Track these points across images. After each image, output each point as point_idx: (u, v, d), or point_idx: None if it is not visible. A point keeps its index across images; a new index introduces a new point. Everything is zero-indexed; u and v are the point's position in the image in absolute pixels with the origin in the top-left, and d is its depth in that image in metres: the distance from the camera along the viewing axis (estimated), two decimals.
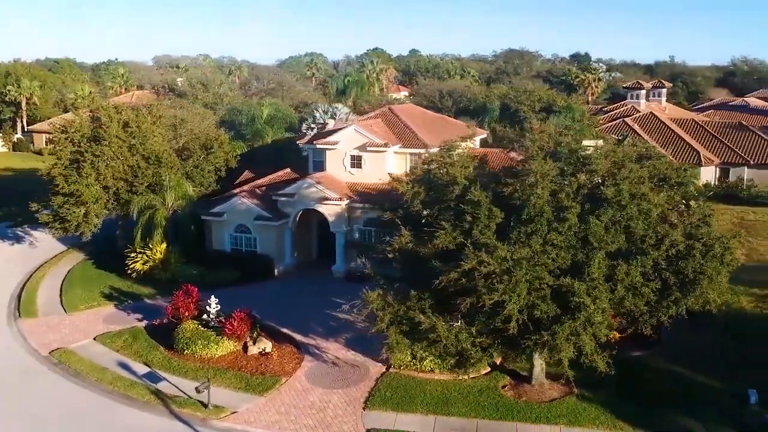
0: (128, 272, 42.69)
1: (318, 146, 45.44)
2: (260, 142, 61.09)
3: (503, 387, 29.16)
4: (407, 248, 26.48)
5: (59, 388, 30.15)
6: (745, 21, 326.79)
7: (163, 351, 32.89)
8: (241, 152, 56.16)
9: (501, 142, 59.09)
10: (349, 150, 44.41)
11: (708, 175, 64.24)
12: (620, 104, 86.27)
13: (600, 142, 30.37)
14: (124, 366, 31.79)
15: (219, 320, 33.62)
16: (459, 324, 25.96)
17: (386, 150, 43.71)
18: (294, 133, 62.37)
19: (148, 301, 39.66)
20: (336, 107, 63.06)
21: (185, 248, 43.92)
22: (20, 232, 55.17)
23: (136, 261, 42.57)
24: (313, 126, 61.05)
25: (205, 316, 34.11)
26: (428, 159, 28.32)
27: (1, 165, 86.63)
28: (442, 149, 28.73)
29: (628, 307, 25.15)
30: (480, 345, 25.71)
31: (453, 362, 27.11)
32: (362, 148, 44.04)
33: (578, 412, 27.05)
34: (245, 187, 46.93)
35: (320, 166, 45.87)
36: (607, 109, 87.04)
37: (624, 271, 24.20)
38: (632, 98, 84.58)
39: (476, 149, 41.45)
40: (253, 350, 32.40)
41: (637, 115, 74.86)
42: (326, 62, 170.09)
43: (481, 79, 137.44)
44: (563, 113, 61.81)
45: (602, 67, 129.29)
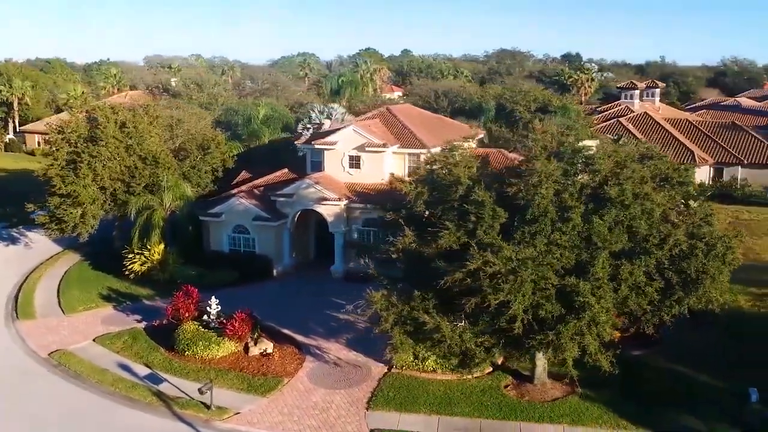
0: (126, 273, 42.50)
1: (316, 146, 45.35)
2: (257, 143, 60.93)
3: (505, 387, 29.18)
4: (411, 248, 26.47)
5: (60, 390, 29.95)
6: (734, 21, 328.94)
7: (164, 352, 32.76)
8: (238, 152, 55.97)
9: (497, 142, 59.35)
10: (348, 150, 44.35)
11: (702, 175, 64.54)
12: (614, 104, 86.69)
13: (597, 142, 30.52)
14: (125, 367, 31.64)
15: (220, 321, 33.48)
16: (463, 324, 25.98)
17: (385, 150, 43.69)
18: (290, 134, 62.22)
19: (147, 302, 39.50)
20: (332, 107, 62.97)
21: (183, 249, 43.78)
22: (15, 233, 54.82)
23: (134, 262, 42.39)
24: (309, 126, 60.83)
25: (206, 317, 33.94)
26: (431, 159, 28.30)
27: None
28: (445, 149, 28.72)
29: (632, 307, 25.24)
30: (484, 345, 25.74)
31: (457, 362, 27.13)
32: (361, 149, 44.01)
33: (581, 412, 27.12)
34: (243, 188, 46.79)
35: (318, 167, 45.80)
36: (601, 109, 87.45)
37: (628, 271, 24.28)
38: (626, 98, 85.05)
39: (477, 149, 41.46)
40: (255, 351, 32.31)
41: (632, 115, 75.26)
42: (319, 62, 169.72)
43: (474, 80, 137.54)
44: (559, 113, 61.96)
45: (594, 67, 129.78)
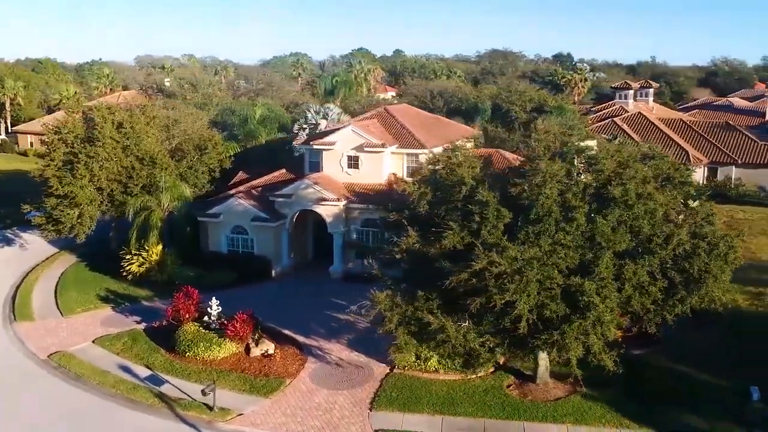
0: (123, 274, 42.29)
1: (315, 147, 45.28)
2: (253, 143, 60.77)
3: (508, 386, 29.20)
4: (414, 249, 26.46)
5: (61, 392, 29.77)
6: (724, 22, 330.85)
7: (164, 353, 32.62)
8: (235, 153, 55.83)
9: (493, 143, 59.47)
10: (346, 150, 44.30)
11: (696, 175, 64.81)
12: (608, 104, 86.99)
13: (594, 142, 30.61)
14: (126, 369, 31.49)
15: (221, 322, 33.38)
16: (466, 324, 25.99)
17: (384, 150, 43.67)
18: (286, 134, 62.10)
19: (146, 304, 39.35)
20: (328, 107, 62.87)
21: (181, 250, 43.63)
22: (10, 235, 54.46)
23: (132, 263, 42.18)
24: (305, 126, 60.80)
25: (206, 318, 33.81)
26: (434, 159, 28.29)
27: None
28: (447, 149, 28.74)
29: (635, 306, 25.31)
30: (488, 345, 25.76)
31: (461, 362, 27.13)
32: (359, 149, 43.97)
33: (584, 411, 27.17)
34: (241, 188, 46.68)
35: (316, 167, 45.75)
36: (596, 109, 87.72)
37: (632, 271, 24.35)
38: (620, 98, 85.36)
39: (480, 150, 41.56)
40: (256, 352, 32.22)
41: (626, 115, 75.53)
42: (311, 62, 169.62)
43: (467, 80, 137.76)
44: (555, 113, 62.12)
45: (586, 68, 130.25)
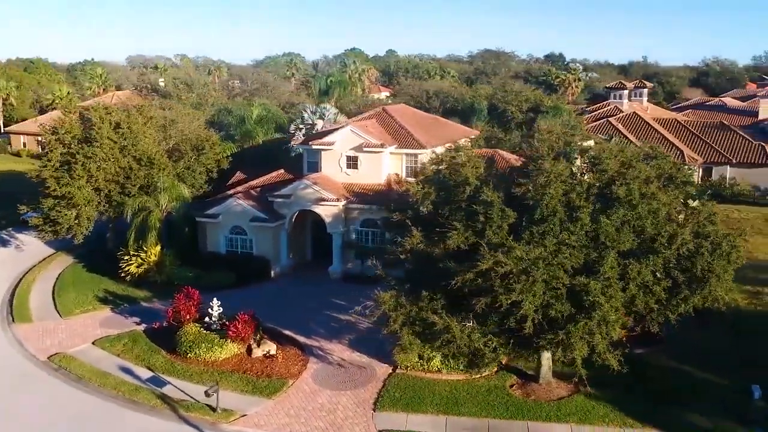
0: (122, 275, 42.12)
1: (314, 147, 45.21)
2: (250, 143, 60.60)
3: (511, 386, 29.24)
4: (418, 249, 26.45)
5: (62, 394, 29.63)
6: (714, 22, 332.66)
7: (165, 354, 32.51)
8: (232, 153, 55.67)
9: (490, 143, 59.57)
10: (345, 151, 44.27)
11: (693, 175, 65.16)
12: (603, 104, 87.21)
13: (591, 142, 30.66)
14: (127, 370, 31.36)
15: (222, 323, 33.28)
16: (471, 324, 26.01)
17: (383, 150, 43.65)
18: (283, 134, 61.95)
19: (145, 305, 39.20)
20: (324, 108, 62.70)
21: (179, 250, 43.49)
22: (5, 236, 54.16)
23: (131, 264, 42.00)
24: (302, 126, 60.58)
25: (207, 319, 33.70)
26: (437, 159, 28.30)
27: None
28: (450, 149, 28.75)
29: (639, 306, 25.39)
30: (492, 345, 25.78)
31: (466, 362, 27.12)
32: (358, 149, 43.94)
33: (587, 410, 27.26)
34: (240, 189, 46.58)
35: (315, 167, 45.69)
36: (590, 109, 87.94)
37: (636, 270, 24.42)
38: (615, 98, 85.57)
39: (482, 150, 41.63)
40: (258, 353, 32.15)
41: (621, 115, 75.76)
42: (304, 62, 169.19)
43: (461, 80, 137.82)
44: (551, 113, 62.24)
45: (579, 68, 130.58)
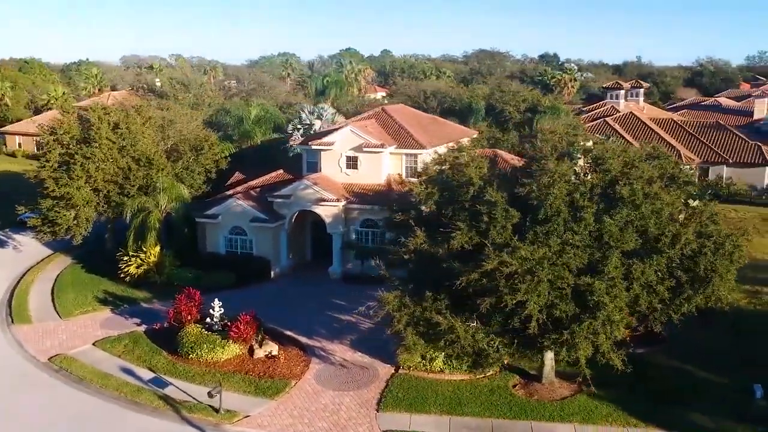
0: (121, 276, 41.99)
1: (313, 147, 45.15)
2: (248, 143, 60.47)
3: (514, 386, 29.25)
4: (422, 249, 26.43)
5: (63, 395, 29.51)
6: (708, 22, 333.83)
7: (167, 355, 32.41)
8: (230, 153, 55.55)
9: (488, 143, 59.61)
10: (345, 151, 44.23)
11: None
12: (599, 104, 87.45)
13: (591, 143, 30.67)
14: (128, 371, 31.27)
15: (223, 323, 33.21)
16: (475, 324, 26.02)
17: (383, 151, 43.64)
18: (281, 134, 61.84)
19: (145, 305, 39.07)
20: (322, 108, 62.62)
21: (179, 251, 43.36)
22: (2, 236, 53.89)
23: (130, 264, 41.85)
24: (300, 127, 60.51)
25: (209, 320, 33.62)
26: (440, 159, 28.29)
27: None
28: (453, 149, 28.74)
29: (643, 306, 25.43)
30: (496, 345, 25.80)
31: (469, 362, 27.12)
32: (358, 149, 43.91)
33: (591, 410, 27.30)
34: (239, 189, 46.49)
35: (314, 167, 45.64)
36: (587, 109, 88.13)
37: (640, 270, 24.45)
38: (611, 98, 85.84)
39: (485, 150, 41.63)
40: (260, 353, 32.08)
41: (618, 115, 75.93)
42: (300, 62, 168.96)
43: (456, 80, 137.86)
44: (548, 113, 62.32)
45: (575, 68, 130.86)
